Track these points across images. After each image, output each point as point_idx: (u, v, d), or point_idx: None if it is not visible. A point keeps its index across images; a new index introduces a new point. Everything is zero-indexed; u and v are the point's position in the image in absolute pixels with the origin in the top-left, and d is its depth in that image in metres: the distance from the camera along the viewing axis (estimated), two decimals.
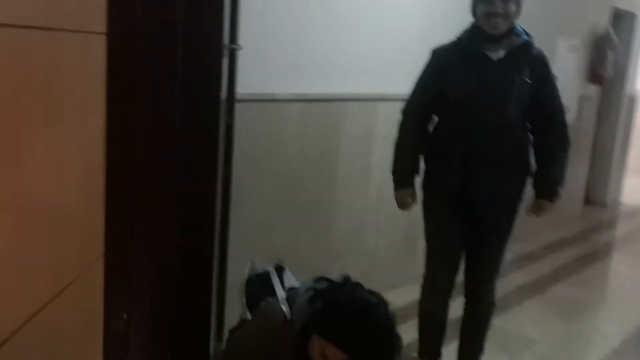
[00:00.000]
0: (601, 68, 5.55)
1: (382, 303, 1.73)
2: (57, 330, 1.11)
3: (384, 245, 3.69)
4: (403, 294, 3.61)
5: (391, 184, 3.63)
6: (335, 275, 1.90)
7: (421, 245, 3.85)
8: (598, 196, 6.61)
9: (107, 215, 1.15)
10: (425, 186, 2.59)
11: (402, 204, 2.62)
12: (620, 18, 5.98)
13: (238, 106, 2.62)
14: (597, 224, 5.99)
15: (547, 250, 4.72)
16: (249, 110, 2.70)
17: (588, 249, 5.10)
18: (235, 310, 2.16)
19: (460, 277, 2.67)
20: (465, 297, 2.71)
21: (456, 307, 2.75)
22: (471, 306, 2.70)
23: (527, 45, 2.37)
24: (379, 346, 1.71)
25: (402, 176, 2.58)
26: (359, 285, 1.81)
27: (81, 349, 1.19)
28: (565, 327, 3.56)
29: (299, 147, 3.03)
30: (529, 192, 2.56)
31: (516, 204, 2.53)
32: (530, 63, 2.35)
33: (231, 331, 2.06)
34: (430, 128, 2.54)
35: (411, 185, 2.59)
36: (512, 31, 2.34)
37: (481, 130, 2.34)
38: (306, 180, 3.12)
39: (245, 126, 2.69)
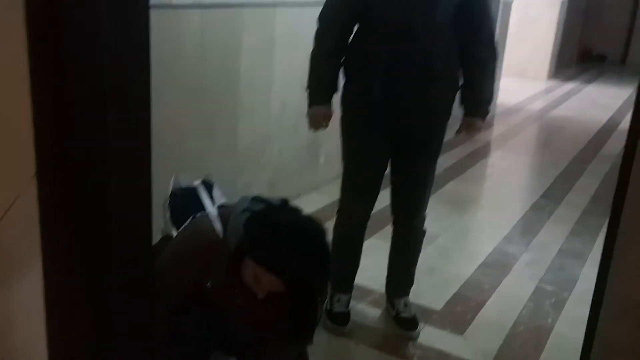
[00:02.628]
0: None
1: (321, 231, 1.70)
2: None
3: (288, 155, 3.68)
4: (309, 202, 3.67)
5: (294, 93, 3.60)
6: (241, 187, 1.84)
7: (324, 150, 3.92)
8: None
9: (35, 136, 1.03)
10: (344, 100, 2.34)
11: (315, 123, 2.33)
12: None
13: None
14: None
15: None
16: None
17: (473, 147, 5.40)
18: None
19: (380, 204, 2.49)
20: (393, 225, 2.53)
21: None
22: (400, 235, 2.53)
23: None
24: (315, 276, 1.70)
25: (317, 91, 2.30)
26: (297, 210, 1.76)
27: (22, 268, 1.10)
28: (461, 220, 3.81)
29: (199, 57, 2.88)
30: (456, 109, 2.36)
31: (445, 119, 2.33)
32: None
33: (153, 248, 1.95)
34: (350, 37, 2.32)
35: (327, 102, 2.31)
36: None
37: (406, 36, 2.14)
38: (208, 91, 2.99)
39: None
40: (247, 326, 1.83)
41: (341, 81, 2.33)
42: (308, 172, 3.91)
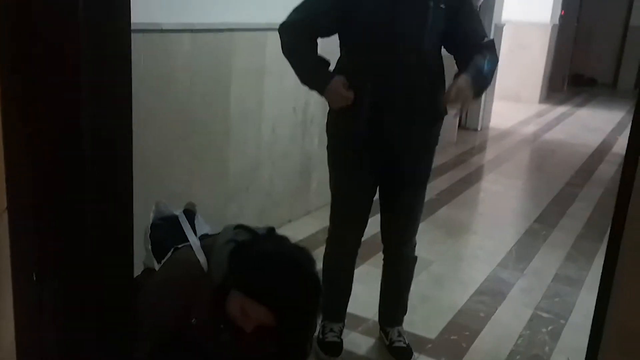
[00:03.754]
0: None
1: (309, 259, 1.66)
2: None
3: (279, 181, 3.64)
4: (300, 228, 3.63)
5: (285, 118, 3.58)
6: (232, 214, 1.79)
7: (316, 176, 3.88)
8: (471, 122, 6.99)
9: (7, 166, 0.98)
10: (329, 130, 2.31)
11: (336, 99, 2.11)
12: None
13: None
14: (471, 148, 6.33)
15: (431, 175, 4.92)
16: (132, 41, 2.46)
17: (466, 171, 5.39)
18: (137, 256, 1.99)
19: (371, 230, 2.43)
20: (383, 254, 2.48)
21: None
22: (390, 263, 2.48)
23: None
24: (307, 305, 1.65)
25: (316, 74, 2.16)
26: (284, 238, 1.72)
27: None
28: (455, 246, 3.76)
29: (190, 82, 2.84)
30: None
31: (432, 148, 2.29)
32: None
33: (135, 281, 1.82)
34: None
35: (331, 74, 2.13)
36: None
37: (392, 64, 2.07)
38: (198, 118, 2.95)
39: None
40: None
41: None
42: (299, 197, 3.86)
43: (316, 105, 3.62)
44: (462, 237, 3.95)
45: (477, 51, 2.12)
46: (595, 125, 7.95)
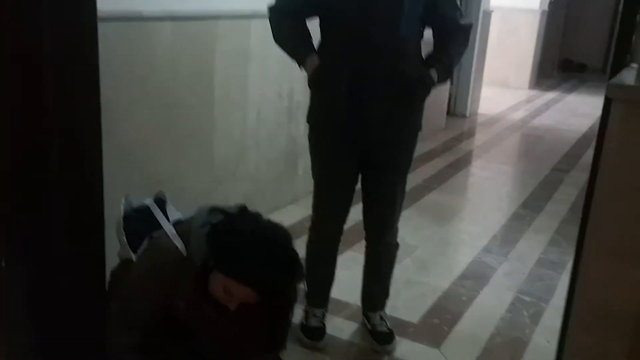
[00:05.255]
0: None
1: (285, 235, 1.69)
2: None
3: (264, 167, 3.65)
4: (287, 215, 3.65)
5: (270, 103, 3.59)
6: (218, 201, 1.81)
7: (302, 163, 3.89)
8: (459, 108, 7.01)
9: None
10: (310, 118, 2.32)
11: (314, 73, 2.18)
12: None
13: (101, 26, 2.37)
14: (460, 134, 6.36)
15: (418, 161, 4.94)
16: (113, 30, 2.46)
17: (454, 157, 5.41)
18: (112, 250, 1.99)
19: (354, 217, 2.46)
20: (365, 240, 2.49)
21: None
22: (372, 250, 2.49)
23: None
24: (285, 279, 1.69)
25: (299, 46, 2.20)
26: (257, 215, 1.74)
27: None
28: (440, 231, 3.79)
29: (172, 70, 2.84)
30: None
31: (413, 134, 2.29)
32: None
33: (113, 273, 1.89)
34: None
35: (312, 50, 2.19)
36: None
37: (369, 53, 2.07)
38: (182, 105, 2.95)
39: (111, 48, 2.45)
40: (222, 340, 1.80)
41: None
42: (286, 184, 3.88)
43: (302, 92, 3.63)
44: (448, 222, 3.98)
45: (450, 37, 2.17)
46: (584, 110, 7.99)
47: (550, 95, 9.05)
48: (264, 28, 2.42)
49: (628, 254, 1.43)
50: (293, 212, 3.71)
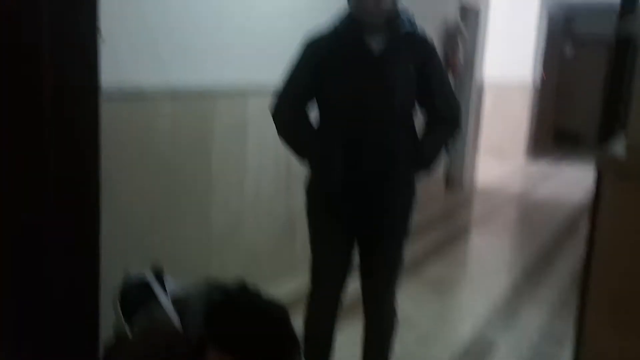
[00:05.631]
0: (454, 57, 5.92)
1: (284, 312, 1.66)
2: None
3: (262, 238, 3.65)
4: (284, 285, 3.60)
5: (268, 176, 3.62)
6: (215, 270, 1.79)
7: (300, 234, 3.87)
8: (456, 179, 7.06)
9: None
10: (307, 188, 2.34)
11: None
12: (466, 14, 6.46)
13: (103, 102, 2.43)
14: (457, 205, 6.38)
15: (416, 233, 4.94)
16: (115, 105, 2.52)
17: (452, 228, 5.41)
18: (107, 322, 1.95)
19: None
20: (364, 312, 2.43)
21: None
22: (371, 321, 2.43)
23: (410, 35, 2.20)
24: (284, 356, 1.66)
25: (307, 152, 2.30)
26: (257, 293, 1.73)
27: None
28: (440, 303, 3.74)
29: (171, 144, 2.90)
30: None
31: (410, 204, 2.31)
32: (415, 51, 2.20)
33: (108, 350, 1.85)
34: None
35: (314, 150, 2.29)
36: (393, 20, 2.16)
37: (364, 127, 2.14)
38: (180, 178, 2.99)
39: (112, 122, 2.50)
40: None
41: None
42: (283, 254, 3.85)
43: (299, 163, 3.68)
44: (447, 294, 3.93)
45: (439, 124, 2.28)
46: (578, 181, 8.04)
47: (545, 165, 9.15)
48: (262, 105, 2.48)
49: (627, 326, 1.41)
50: (290, 282, 3.66)
